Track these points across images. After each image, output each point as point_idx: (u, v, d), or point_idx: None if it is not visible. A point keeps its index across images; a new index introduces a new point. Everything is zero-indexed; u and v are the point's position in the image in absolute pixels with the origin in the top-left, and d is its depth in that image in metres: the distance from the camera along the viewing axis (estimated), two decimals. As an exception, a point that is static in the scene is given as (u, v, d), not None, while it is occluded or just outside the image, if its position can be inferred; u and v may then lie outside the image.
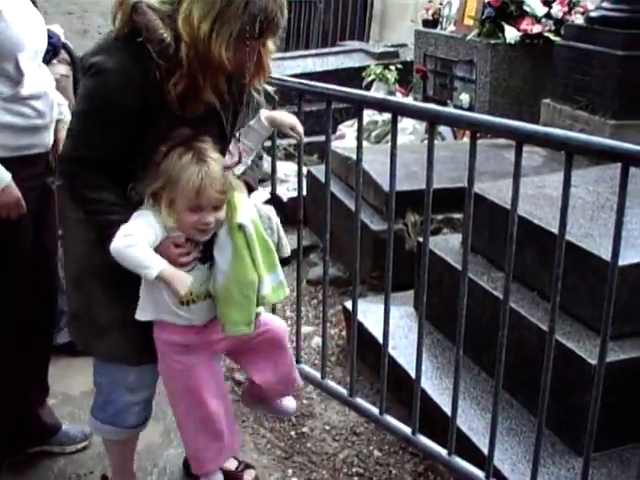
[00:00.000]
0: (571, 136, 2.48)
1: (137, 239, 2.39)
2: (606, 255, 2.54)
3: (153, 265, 2.39)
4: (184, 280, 2.43)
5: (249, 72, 2.47)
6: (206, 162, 2.40)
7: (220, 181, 2.43)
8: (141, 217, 2.45)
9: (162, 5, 2.33)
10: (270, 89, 2.80)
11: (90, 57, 2.40)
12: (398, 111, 3.02)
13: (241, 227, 2.47)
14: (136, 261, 2.40)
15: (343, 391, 3.51)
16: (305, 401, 3.72)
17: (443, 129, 6.84)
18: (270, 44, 2.47)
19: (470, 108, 7.00)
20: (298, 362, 3.56)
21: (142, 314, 2.58)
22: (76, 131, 2.46)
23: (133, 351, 2.66)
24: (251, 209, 2.56)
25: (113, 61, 2.33)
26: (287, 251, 2.74)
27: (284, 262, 2.70)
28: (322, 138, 3.31)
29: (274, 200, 2.73)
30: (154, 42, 2.29)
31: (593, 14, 5.82)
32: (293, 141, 6.00)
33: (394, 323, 3.70)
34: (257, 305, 2.58)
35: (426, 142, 2.88)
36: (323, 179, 3.39)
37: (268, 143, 3.49)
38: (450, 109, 4.29)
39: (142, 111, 2.37)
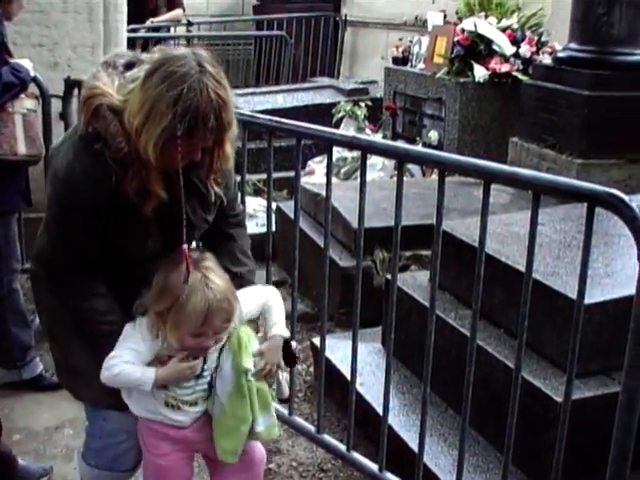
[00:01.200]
0: (538, 176, 2.51)
1: (119, 366, 2.42)
2: (572, 293, 2.56)
3: (145, 380, 2.43)
4: (181, 370, 2.45)
5: (205, 169, 2.46)
6: (213, 289, 2.37)
7: (226, 310, 2.41)
8: (128, 339, 2.46)
9: (123, 103, 2.32)
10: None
11: (56, 154, 2.44)
12: (368, 150, 3.04)
13: (247, 372, 2.48)
14: (128, 383, 2.46)
15: (310, 427, 3.50)
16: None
17: (412, 166, 6.89)
18: (228, 148, 2.42)
19: (439, 145, 7.06)
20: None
21: (135, 410, 2.58)
22: (54, 236, 2.47)
23: (114, 397, 2.60)
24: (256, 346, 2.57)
25: (78, 165, 2.35)
26: (286, 393, 2.78)
27: (283, 401, 2.79)
28: (291, 174, 3.33)
29: (285, 349, 2.64)
30: (112, 149, 2.29)
31: (560, 54, 5.90)
32: (263, 176, 6.01)
33: (362, 359, 3.70)
34: (248, 437, 2.58)
35: (395, 179, 2.90)
36: (292, 215, 3.40)
37: (238, 178, 3.48)
38: (418, 148, 4.33)
39: (112, 209, 2.37)
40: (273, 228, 3.65)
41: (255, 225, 5.72)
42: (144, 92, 2.25)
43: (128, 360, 2.43)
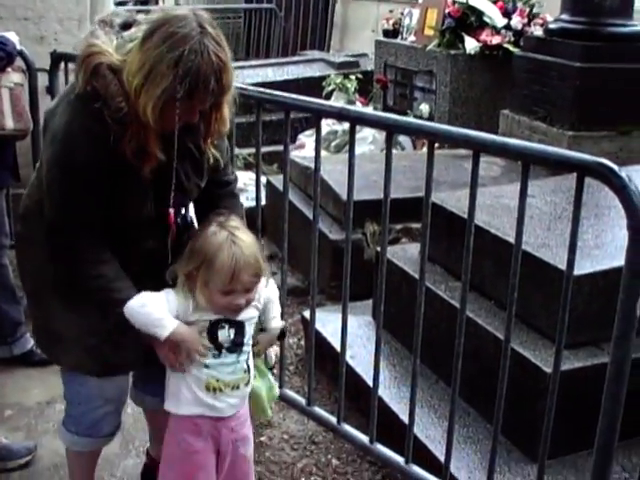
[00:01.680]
0: (528, 146, 2.50)
1: (148, 300, 2.42)
2: (562, 265, 2.56)
3: (165, 324, 2.41)
4: (197, 340, 2.46)
5: (201, 133, 2.47)
6: (240, 245, 2.41)
7: (254, 265, 2.44)
8: (163, 293, 2.47)
9: (122, 63, 2.31)
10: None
11: (52, 117, 2.42)
12: (356, 120, 3.02)
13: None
14: (148, 319, 2.42)
15: (301, 400, 3.50)
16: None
17: (403, 139, 6.88)
18: (226, 110, 2.43)
19: (430, 118, 7.03)
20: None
21: (183, 409, 2.57)
22: (57, 199, 2.42)
23: (96, 362, 2.61)
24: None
25: (76, 123, 2.33)
26: (272, 362, 2.87)
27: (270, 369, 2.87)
28: (281, 148, 3.30)
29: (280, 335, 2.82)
30: (111, 108, 2.27)
31: (552, 26, 5.89)
32: (253, 150, 5.99)
33: (352, 332, 3.70)
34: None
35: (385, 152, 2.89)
36: (282, 188, 3.38)
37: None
38: (408, 119, 4.30)
39: (111, 168, 2.35)
40: (263, 202, 3.64)
41: (245, 199, 5.68)
42: (144, 52, 2.24)
43: (157, 303, 2.44)
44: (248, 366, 2.59)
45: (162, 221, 2.52)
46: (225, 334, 2.50)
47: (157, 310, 2.42)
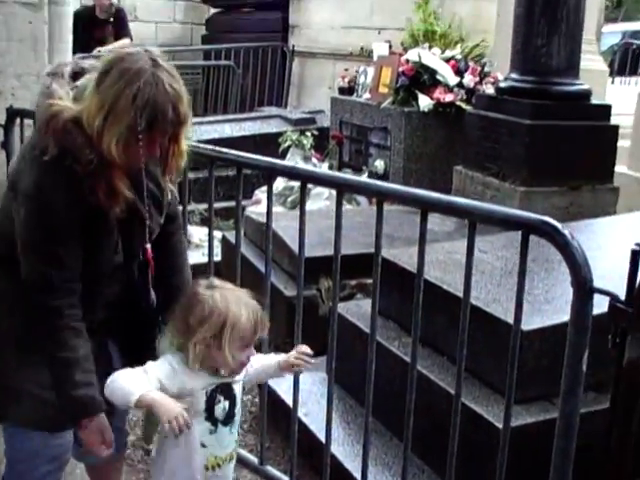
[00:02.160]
0: (474, 205, 2.54)
1: (117, 375, 2.38)
2: (512, 320, 2.58)
3: (132, 392, 2.31)
4: (171, 406, 2.28)
5: (161, 167, 2.52)
6: (248, 300, 2.48)
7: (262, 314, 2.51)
8: (140, 368, 2.42)
9: (80, 112, 2.35)
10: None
11: (19, 177, 2.42)
12: (307, 179, 3.06)
13: None
14: (120, 393, 2.35)
15: (254, 459, 3.48)
16: (217, 470, 3.67)
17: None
18: (183, 144, 2.47)
19: (385, 174, 7.10)
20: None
21: None
22: (39, 258, 2.41)
23: (48, 417, 2.58)
24: None
25: (49, 182, 2.35)
26: None
27: None
28: (236, 204, 3.33)
29: None
30: (82, 163, 2.32)
31: (502, 84, 6.00)
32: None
33: (307, 389, 3.70)
34: None
35: (342, 208, 2.92)
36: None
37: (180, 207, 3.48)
38: (357, 178, 4.34)
39: (84, 221, 2.38)
40: (219, 257, 3.64)
41: (201, 255, 5.68)
42: (101, 92, 2.29)
43: (129, 376, 2.38)
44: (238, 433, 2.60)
45: (128, 265, 2.57)
46: (221, 408, 2.48)
47: (124, 381, 2.36)
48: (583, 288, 2.19)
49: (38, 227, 2.38)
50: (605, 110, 5.84)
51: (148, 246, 2.57)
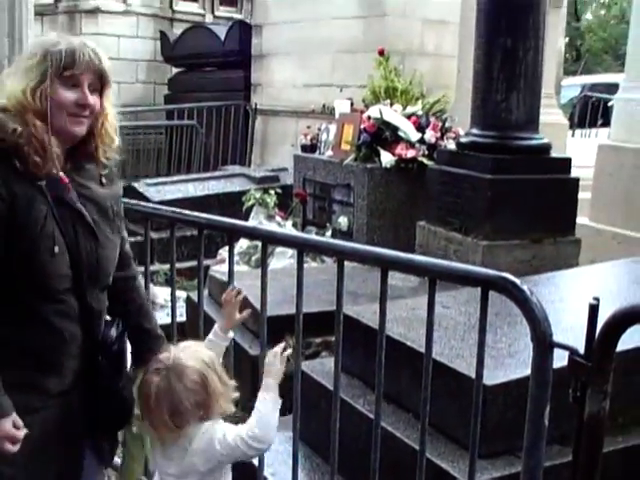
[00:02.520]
0: (433, 262, 2.57)
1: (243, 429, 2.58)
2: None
3: (272, 397, 2.64)
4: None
5: (94, 141, 2.52)
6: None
7: None
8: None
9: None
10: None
11: None
12: (267, 240, 3.08)
13: None
14: (272, 417, 2.64)
15: (222, 521, 3.43)
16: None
17: (323, 251, 6.94)
18: (111, 117, 2.54)
19: (348, 231, 7.13)
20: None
21: None
22: None
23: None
24: None
25: None
26: None
27: None
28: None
29: None
30: (7, 135, 2.34)
31: (463, 139, 6.07)
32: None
33: (273, 448, 3.64)
34: None
35: (306, 265, 2.94)
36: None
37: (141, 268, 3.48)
38: (317, 237, 4.37)
39: (8, 209, 2.33)
40: (184, 317, 3.63)
41: (166, 315, 5.65)
42: (15, 65, 2.46)
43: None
44: None
45: (79, 284, 2.48)
46: None
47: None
48: (543, 343, 2.21)
49: None
50: (565, 163, 5.92)
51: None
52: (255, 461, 3.57)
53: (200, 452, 2.51)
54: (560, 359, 2.25)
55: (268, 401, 2.59)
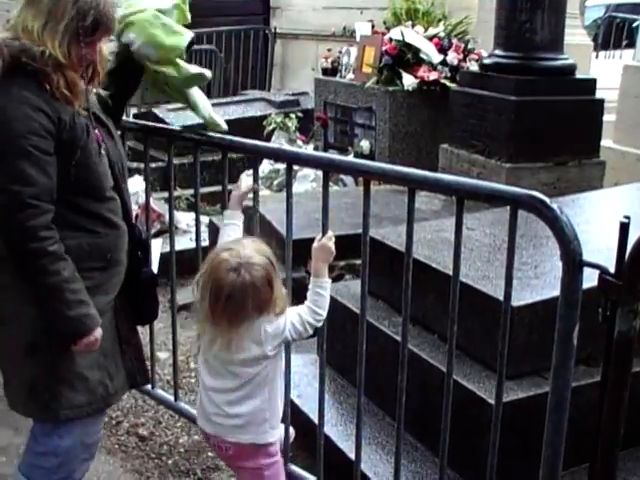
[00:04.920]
0: (460, 181, 2.53)
1: (303, 314, 2.69)
2: (501, 296, 2.58)
3: (324, 281, 2.71)
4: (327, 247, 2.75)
5: (87, 74, 2.56)
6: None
7: None
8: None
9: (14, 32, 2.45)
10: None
11: None
12: (292, 161, 3.06)
13: None
14: (325, 298, 2.72)
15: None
16: (210, 454, 3.67)
17: (345, 175, 6.91)
18: (104, 49, 2.59)
19: (370, 154, 7.09)
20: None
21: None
22: (6, 174, 2.39)
23: (99, 398, 2.68)
24: None
25: (9, 95, 2.40)
26: None
27: None
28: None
29: None
30: (37, 56, 2.39)
31: (486, 61, 5.98)
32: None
33: (298, 371, 3.70)
34: None
35: (329, 189, 2.91)
36: (222, 229, 3.38)
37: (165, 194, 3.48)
38: (342, 157, 4.33)
39: (55, 130, 2.43)
40: (207, 242, 3.63)
41: (189, 240, 5.67)
42: (34, 4, 2.41)
43: None
44: None
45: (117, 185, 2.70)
46: None
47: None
48: (573, 262, 2.19)
49: (14, 144, 2.38)
50: (590, 84, 5.83)
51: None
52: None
53: (270, 339, 2.61)
54: (588, 280, 2.24)
55: (322, 284, 2.70)
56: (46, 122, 2.41)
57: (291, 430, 3.13)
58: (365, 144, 7.17)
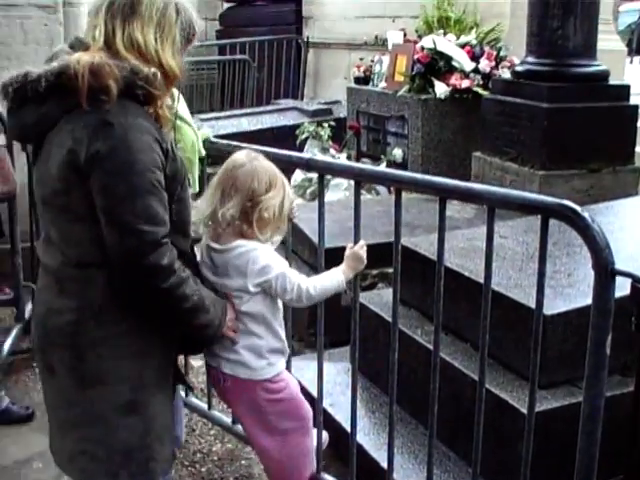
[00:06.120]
0: (491, 190, 2.53)
1: (304, 282, 2.70)
2: (534, 305, 2.57)
3: (339, 281, 2.75)
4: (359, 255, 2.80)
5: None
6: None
7: None
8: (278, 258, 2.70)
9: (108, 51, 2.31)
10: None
11: (82, 148, 2.21)
12: (324, 170, 3.07)
13: None
14: (329, 290, 2.75)
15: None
16: (244, 462, 3.69)
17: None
18: None
19: (403, 163, 7.09)
20: (234, 422, 3.55)
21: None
22: (134, 214, 2.21)
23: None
24: None
25: (127, 122, 2.24)
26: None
27: None
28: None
29: None
30: (149, 79, 2.27)
31: (519, 68, 5.97)
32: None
33: (331, 380, 3.71)
34: None
35: (362, 197, 2.92)
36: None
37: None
38: (374, 167, 4.34)
39: (165, 162, 2.32)
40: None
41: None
42: (139, 16, 2.32)
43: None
44: None
45: None
46: None
47: (321, 283, 2.74)
48: (604, 271, 2.18)
49: (123, 181, 2.21)
50: (624, 90, 5.80)
51: None
52: (314, 392, 3.63)
53: (254, 274, 2.63)
54: (620, 289, 2.23)
55: (336, 277, 2.75)
56: (160, 153, 2.29)
57: (324, 435, 3.14)
58: (398, 152, 7.17)
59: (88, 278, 2.34)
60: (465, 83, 6.82)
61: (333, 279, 2.73)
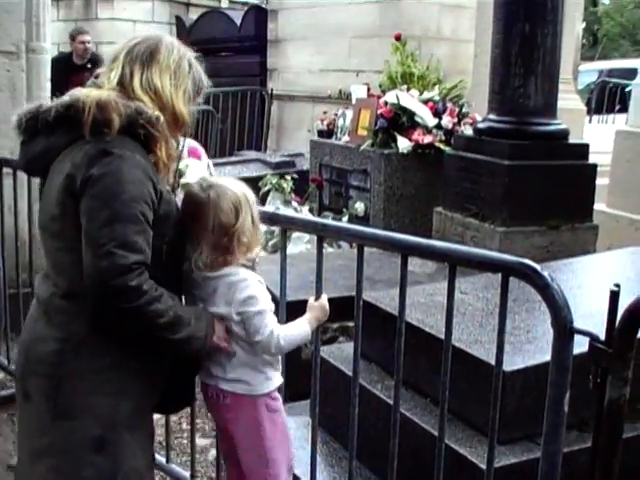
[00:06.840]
0: (452, 248, 2.56)
1: (277, 329, 2.63)
2: (494, 361, 2.59)
3: (306, 331, 2.71)
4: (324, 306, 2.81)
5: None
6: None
7: None
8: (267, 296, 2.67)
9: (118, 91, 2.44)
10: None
11: (90, 168, 2.30)
12: (287, 225, 3.10)
13: None
14: (297, 341, 2.71)
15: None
16: (202, 517, 3.65)
17: (339, 237, 6.93)
18: None
19: (365, 216, 7.13)
20: (193, 477, 3.52)
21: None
22: (113, 236, 2.24)
23: None
24: None
25: (124, 155, 2.33)
26: None
27: None
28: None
29: None
30: (151, 120, 2.38)
31: (480, 125, 6.05)
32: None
33: (291, 433, 3.67)
34: None
35: (323, 251, 2.93)
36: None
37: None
38: (337, 223, 4.36)
39: (156, 202, 2.38)
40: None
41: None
42: (158, 62, 2.49)
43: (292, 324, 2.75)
44: None
45: None
46: None
47: (291, 332, 2.68)
48: (563, 329, 2.21)
49: (107, 207, 2.26)
50: (583, 149, 5.90)
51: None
52: (273, 445, 3.61)
53: (237, 304, 2.61)
54: (578, 346, 2.26)
55: (303, 329, 2.72)
56: (152, 192, 2.34)
57: None
58: (360, 206, 7.22)
59: (75, 310, 2.39)
60: (427, 139, 6.91)
61: (301, 330, 2.71)
